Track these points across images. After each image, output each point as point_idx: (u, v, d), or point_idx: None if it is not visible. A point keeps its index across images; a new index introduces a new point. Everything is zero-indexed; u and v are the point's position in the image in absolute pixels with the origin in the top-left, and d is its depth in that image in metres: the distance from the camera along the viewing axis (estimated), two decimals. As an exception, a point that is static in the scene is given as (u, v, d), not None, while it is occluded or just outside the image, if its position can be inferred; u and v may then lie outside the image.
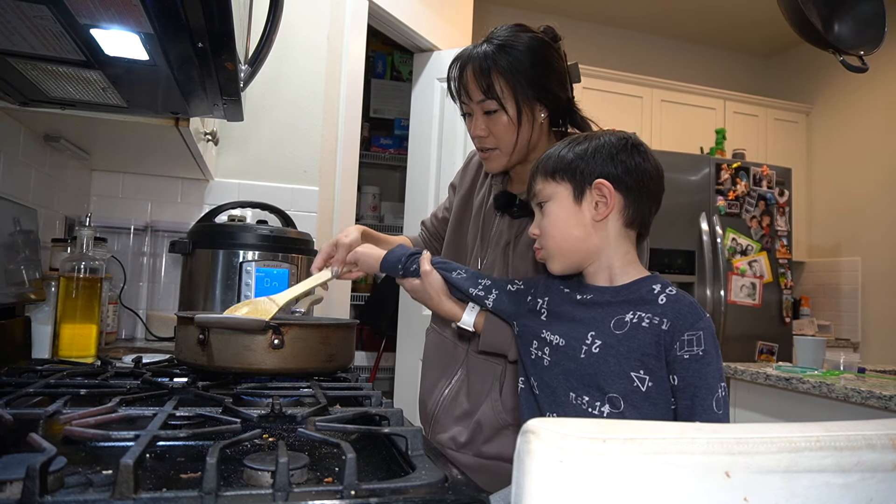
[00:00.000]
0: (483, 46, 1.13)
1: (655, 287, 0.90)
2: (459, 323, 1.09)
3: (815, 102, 4.42)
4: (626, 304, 0.90)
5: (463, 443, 1.16)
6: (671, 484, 0.51)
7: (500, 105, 1.11)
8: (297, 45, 2.15)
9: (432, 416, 1.24)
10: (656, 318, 0.86)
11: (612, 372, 0.87)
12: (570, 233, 0.93)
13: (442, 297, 1.09)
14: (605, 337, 0.89)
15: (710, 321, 0.87)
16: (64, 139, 1.50)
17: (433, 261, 1.10)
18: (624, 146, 0.93)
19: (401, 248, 1.14)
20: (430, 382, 1.28)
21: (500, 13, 4.00)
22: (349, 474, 0.56)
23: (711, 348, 0.85)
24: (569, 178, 0.93)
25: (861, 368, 1.99)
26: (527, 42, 1.12)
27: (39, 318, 1.34)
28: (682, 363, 0.85)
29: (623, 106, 3.92)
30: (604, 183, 0.91)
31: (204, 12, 0.72)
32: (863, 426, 0.57)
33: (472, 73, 1.13)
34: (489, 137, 1.15)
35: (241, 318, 1.06)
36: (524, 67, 1.10)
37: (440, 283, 1.08)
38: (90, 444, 0.69)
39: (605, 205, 0.91)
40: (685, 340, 0.85)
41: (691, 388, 0.84)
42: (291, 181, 2.15)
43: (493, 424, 1.13)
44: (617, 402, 0.87)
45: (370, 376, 3.47)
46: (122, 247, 1.91)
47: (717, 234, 3.34)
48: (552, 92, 1.14)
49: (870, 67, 1.63)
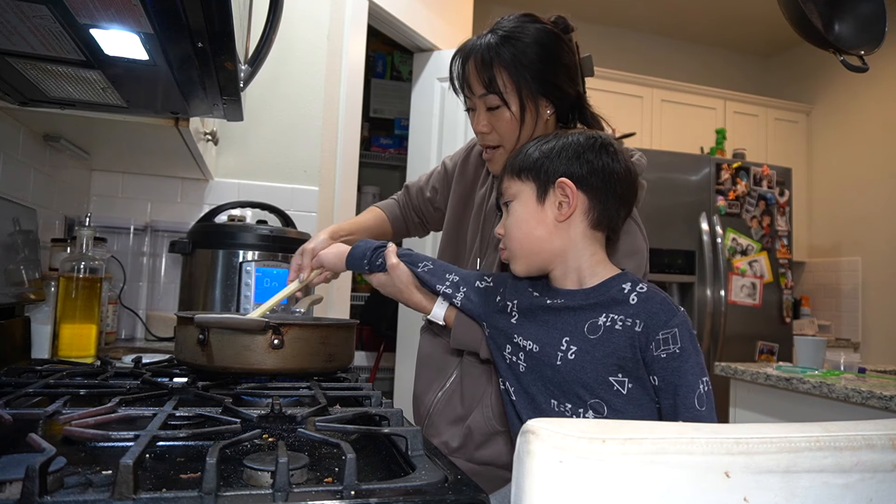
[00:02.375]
0: (487, 37, 1.08)
1: (625, 286, 0.87)
2: (430, 316, 1.07)
3: (815, 102, 4.42)
4: (597, 306, 0.88)
5: (455, 448, 1.13)
6: (671, 484, 0.51)
7: (502, 101, 1.06)
8: (297, 45, 2.15)
9: (426, 418, 1.21)
10: (629, 320, 0.84)
11: (590, 379, 0.85)
12: (532, 233, 0.90)
13: (412, 288, 1.06)
14: (580, 342, 0.87)
15: (683, 316, 0.85)
16: (64, 139, 1.50)
17: (399, 253, 1.08)
18: (592, 145, 0.90)
19: (364, 243, 1.11)
20: (424, 383, 1.24)
21: (501, 13, 3.96)
22: (349, 474, 0.56)
23: (688, 344, 0.83)
24: (532, 176, 0.91)
25: (861, 368, 1.99)
26: (534, 33, 1.06)
27: (39, 318, 1.34)
28: (660, 363, 0.83)
29: (623, 106, 3.92)
30: (566, 182, 0.88)
31: (204, 12, 0.72)
32: (863, 426, 0.57)
33: (474, 66, 1.07)
34: (492, 134, 1.11)
35: (240, 318, 1.06)
36: (529, 61, 1.05)
37: (408, 276, 1.06)
38: (90, 444, 0.69)
39: (568, 205, 0.88)
40: (660, 339, 0.83)
41: (672, 387, 0.83)
42: (291, 181, 2.15)
43: (483, 431, 1.10)
44: (599, 408, 0.86)
45: (370, 376, 3.47)
46: (122, 247, 1.91)
47: (717, 234, 3.34)
48: (559, 87, 1.08)
49: (870, 67, 1.63)
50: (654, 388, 0.85)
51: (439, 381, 1.21)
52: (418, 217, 1.42)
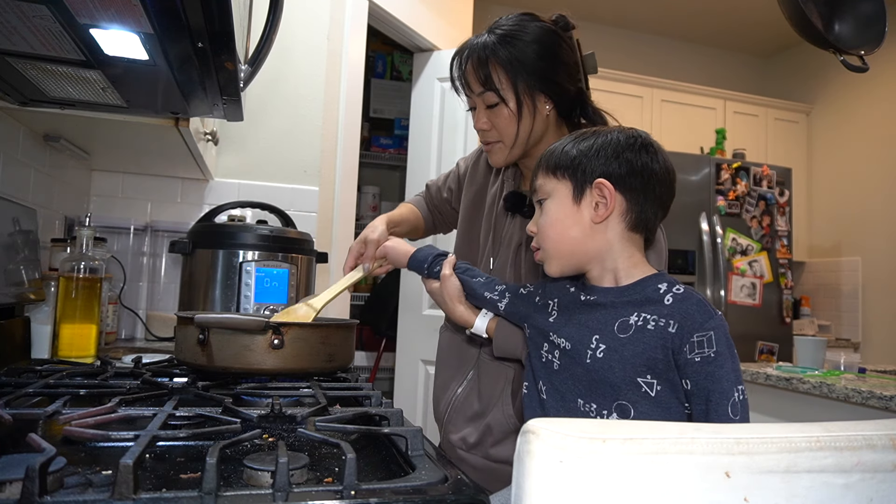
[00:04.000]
0: (484, 37, 1.10)
1: (661, 286, 0.85)
2: (472, 329, 1.09)
3: (815, 102, 4.42)
4: (630, 304, 0.85)
5: (472, 444, 1.15)
6: (671, 484, 0.51)
7: (499, 97, 1.08)
8: (297, 45, 2.15)
9: (445, 416, 1.23)
10: (662, 320, 0.82)
11: (618, 378, 0.83)
12: (567, 233, 0.88)
13: (456, 302, 1.09)
14: (609, 341, 0.85)
15: (721, 320, 0.82)
16: (64, 139, 1.50)
17: (456, 265, 1.10)
18: (632, 144, 0.88)
19: (428, 249, 1.15)
20: (442, 381, 1.27)
21: (500, 13, 3.96)
22: (349, 474, 0.56)
23: (724, 349, 0.80)
24: (569, 175, 0.88)
25: (861, 368, 1.99)
26: (533, 31, 1.08)
27: (39, 318, 1.34)
28: (694, 366, 0.80)
29: (623, 106, 3.90)
30: (604, 183, 0.86)
31: (204, 12, 0.72)
32: (863, 426, 0.57)
33: (472, 65, 1.10)
34: (492, 131, 1.13)
35: (240, 318, 1.06)
36: (527, 58, 1.07)
37: (457, 289, 1.09)
38: (90, 444, 0.69)
39: (605, 206, 0.86)
40: (695, 342, 0.80)
41: (705, 392, 0.79)
42: (291, 181, 2.15)
43: (503, 428, 1.12)
44: (626, 410, 0.83)
45: (370, 376, 3.47)
46: (122, 247, 1.91)
47: (717, 234, 3.34)
48: (558, 84, 1.09)
49: (870, 67, 1.62)
50: (685, 393, 0.82)
51: (458, 379, 1.23)
52: (440, 214, 1.45)
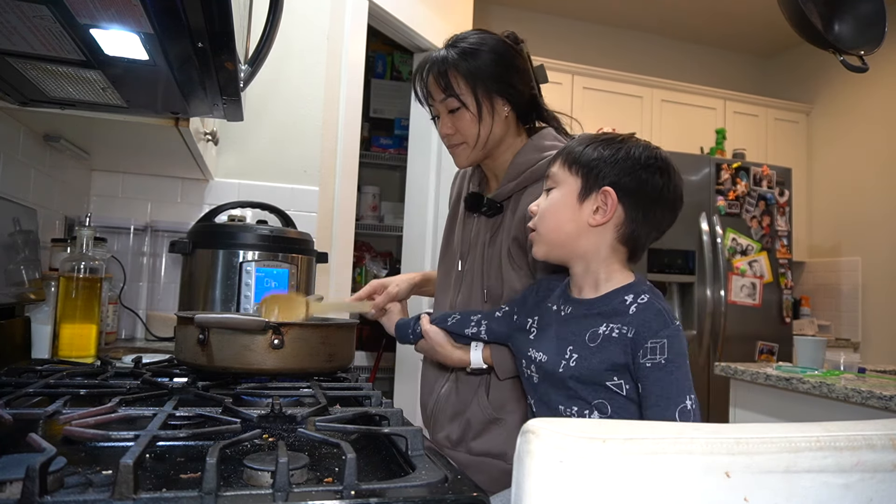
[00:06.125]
0: (443, 50, 1.18)
1: (628, 298, 0.89)
2: (472, 366, 1.13)
3: (815, 102, 4.41)
4: (600, 316, 0.90)
5: (455, 440, 1.20)
6: (671, 484, 0.51)
7: (460, 102, 1.15)
8: (297, 45, 2.15)
9: (431, 416, 1.28)
10: (625, 328, 0.86)
11: (588, 383, 0.88)
12: (562, 226, 0.92)
13: (448, 347, 1.16)
14: (581, 350, 0.90)
15: (677, 329, 0.85)
16: (64, 139, 1.50)
17: (432, 319, 1.17)
18: (650, 165, 0.91)
19: (407, 319, 1.24)
20: (428, 383, 1.32)
21: (500, 13, 4.00)
22: (349, 474, 0.56)
23: (676, 356, 0.83)
24: (583, 174, 0.92)
25: (861, 368, 1.99)
26: (489, 43, 1.17)
27: (39, 318, 1.34)
28: (644, 371, 0.83)
29: (623, 106, 3.91)
30: (610, 192, 0.89)
31: (204, 12, 0.72)
32: (863, 426, 0.57)
33: (433, 76, 1.17)
34: (456, 134, 1.19)
35: (241, 318, 1.06)
36: (484, 65, 1.15)
37: (442, 336, 1.16)
38: (90, 444, 0.69)
39: (604, 213, 0.90)
40: (648, 348, 0.84)
41: (652, 396, 0.83)
42: (291, 181, 2.15)
43: (480, 420, 1.17)
44: (603, 408, 0.88)
45: (370, 376, 3.47)
46: (122, 247, 1.91)
47: (717, 234, 3.34)
48: (514, 87, 1.17)
49: (870, 67, 1.62)
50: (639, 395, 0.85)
51: (440, 382, 1.28)
52: None
